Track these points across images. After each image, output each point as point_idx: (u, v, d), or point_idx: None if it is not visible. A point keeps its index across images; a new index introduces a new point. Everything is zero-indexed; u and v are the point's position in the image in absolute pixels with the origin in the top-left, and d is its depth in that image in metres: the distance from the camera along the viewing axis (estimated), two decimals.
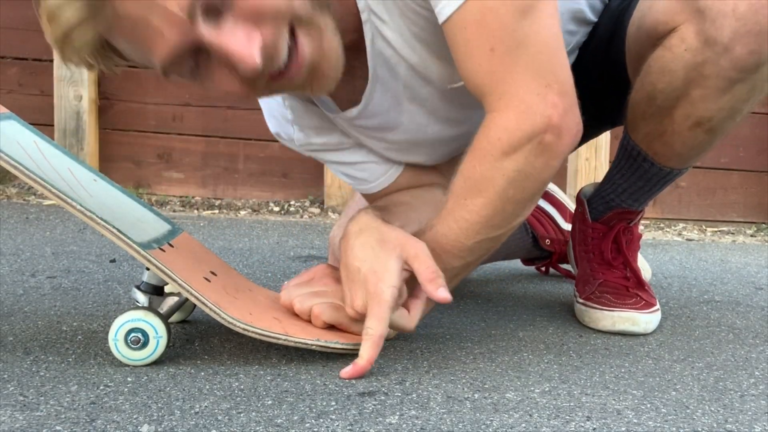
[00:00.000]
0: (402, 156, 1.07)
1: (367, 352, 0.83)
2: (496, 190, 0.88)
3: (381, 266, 0.85)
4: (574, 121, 0.88)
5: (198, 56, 0.80)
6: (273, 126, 1.12)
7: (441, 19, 0.85)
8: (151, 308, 0.85)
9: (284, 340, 0.85)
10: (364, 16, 0.90)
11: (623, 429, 0.72)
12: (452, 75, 0.94)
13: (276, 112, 1.10)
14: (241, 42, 0.77)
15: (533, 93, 0.85)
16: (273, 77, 0.83)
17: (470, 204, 0.89)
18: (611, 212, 1.12)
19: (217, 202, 2.32)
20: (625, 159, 1.07)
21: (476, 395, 0.79)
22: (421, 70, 0.95)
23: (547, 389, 0.82)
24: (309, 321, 0.92)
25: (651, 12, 0.97)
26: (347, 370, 0.83)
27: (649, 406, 0.79)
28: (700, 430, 0.73)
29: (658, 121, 0.99)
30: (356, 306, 0.86)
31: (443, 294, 0.85)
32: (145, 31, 0.76)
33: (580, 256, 1.18)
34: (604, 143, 2.27)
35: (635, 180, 1.08)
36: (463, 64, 0.87)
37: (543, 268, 1.47)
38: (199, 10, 0.76)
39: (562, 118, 0.86)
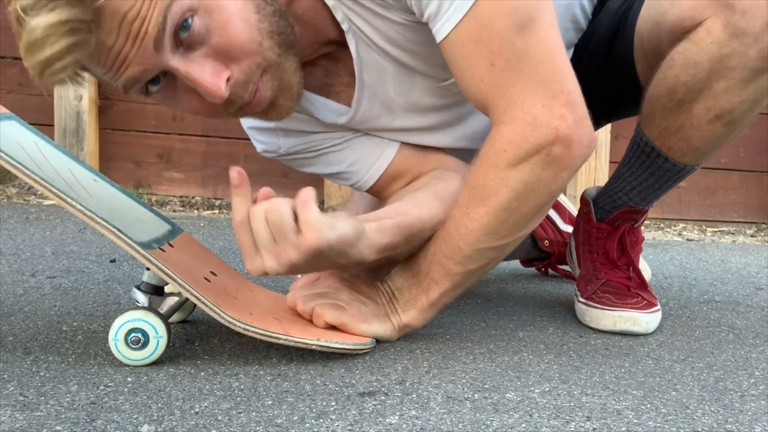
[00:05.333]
0: (398, 137, 1.06)
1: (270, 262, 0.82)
2: (499, 200, 0.88)
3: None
4: (585, 132, 0.88)
5: (166, 79, 0.84)
6: (259, 144, 1.12)
7: (438, 37, 0.86)
8: (151, 308, 0.85)
9: (284, 340, 0.85)
10: (344, 26, 0.91)
11: (623, 429, 0.72)
12: (440, 75, 0.95)
13: (260, 123, 1.09)
14: (209, 74, 0.82)
15: (539, 105, 0.85)
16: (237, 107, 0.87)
17: (472, 212, 0.89)
18: (617, 212, 1.13)
19: (217, 202, 2.32)
20: (637, 156, 1.07)
21: (476, 395, 0.79)
22: (406, 69, 0.95)
23: (547, 389, 0.82)
24: (310, 321, 0.92)
25: (673, 8, 0.98)
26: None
27: (649, 406, 0.79)
28: (700, 430, 0.73)
29: (676, 115, 1.00)
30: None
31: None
32: (116, 58, 0.80)
33: (584, 256, 1.18)
34: (604, 143, 2.27)
35: (646, 177, 1.08)
36: (464, 82, 0.88)
37: (542, 269, 1.47)
38: (168, 41, 0.80)
39: (571, 129, 0.86)
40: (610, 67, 1.06)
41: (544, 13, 0.86)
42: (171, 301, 0.89)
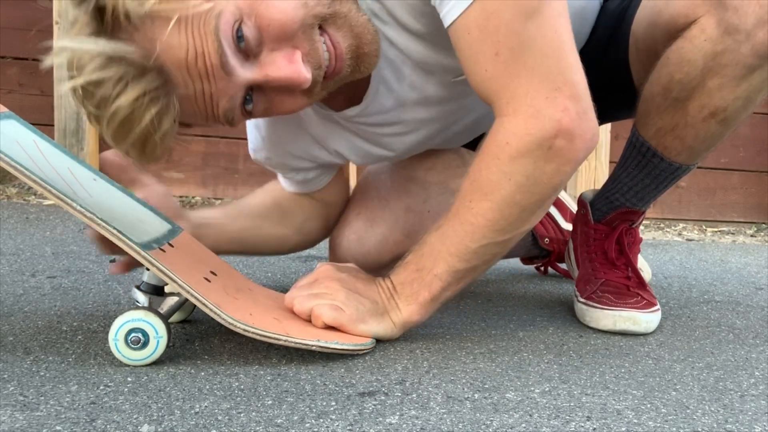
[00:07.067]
0: (393, 142, 1.09)
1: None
2: (503, 194, 0.88)
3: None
4: (588, 126, 0.87)
5: (255, 93, 0.84)
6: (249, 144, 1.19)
7: (446, 23, 0.86)
8: (151, 308, 0.85)
9: (284, 341, 0.85)
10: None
11: (623, 429, 0.72)
12: (456, 68, 0.95)
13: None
14: (285, 65, 0.81)
15: (542, 97, 0.85)
16: (325, 78, 0.86)
17: (476, 207, 0.89)
18: (615, 212, 1.13)
19: (217, 202, 2.32)
20: (633, 156, 1.07)
21: (476, 395, 0.79)
22: (426, 65, 0.95)
23: (547, 389, 0.82)
24: (309, 321, 0.92)
25: (668, 8, 0.98)
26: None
27: (649, 406, 0.79)
28: (700, 430, 0.73)
29: (671, 114, 1.00)
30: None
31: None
32: (203, 101, 0.81)
33: (582, 257, 1.18)
34: (604, 143, 2.27)
35: (642, 178, 1.08)
36: (469, 69, 0.87)
37: (542, 268, 1.47)
38: (234, 60, 0.80)
39: (574, 122, 0.85)
40: (605, 70, 1.05)
41: (553, 3, 0.85)
42: (171, 301, 0.89)
